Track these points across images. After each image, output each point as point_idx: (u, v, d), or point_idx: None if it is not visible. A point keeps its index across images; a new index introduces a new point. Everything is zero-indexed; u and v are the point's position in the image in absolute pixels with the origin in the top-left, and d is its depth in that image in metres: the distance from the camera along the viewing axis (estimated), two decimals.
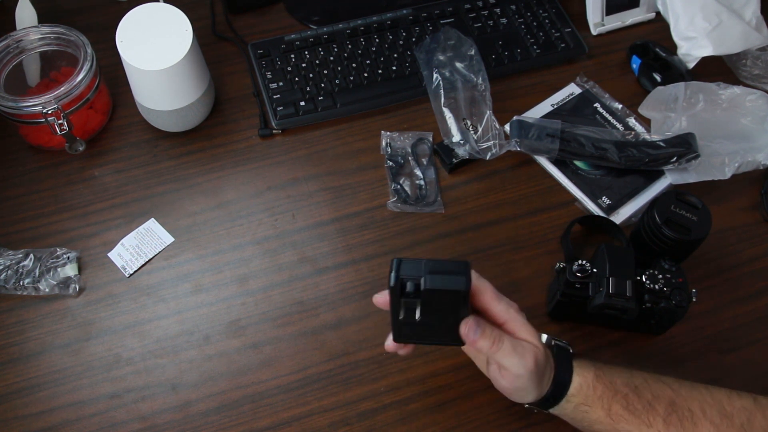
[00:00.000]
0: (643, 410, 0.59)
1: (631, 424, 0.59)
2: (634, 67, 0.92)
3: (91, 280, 0.74)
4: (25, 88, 0.82)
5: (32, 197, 0.79)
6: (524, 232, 0.79)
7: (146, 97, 0.79)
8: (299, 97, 0.86)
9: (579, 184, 0.82)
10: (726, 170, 0.79)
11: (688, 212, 0.70)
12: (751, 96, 0.83)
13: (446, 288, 0.54)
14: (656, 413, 0.59)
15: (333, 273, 0.76)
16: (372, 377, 0.69)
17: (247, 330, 0.72)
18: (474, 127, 0.83)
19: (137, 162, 0.82)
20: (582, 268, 0.66)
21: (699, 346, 0.73)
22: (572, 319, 0.73)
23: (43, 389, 0.68)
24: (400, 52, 0.90)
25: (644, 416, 0.59)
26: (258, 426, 0.67)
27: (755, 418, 0.59)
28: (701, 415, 0.59)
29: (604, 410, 0.59)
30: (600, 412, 0.59)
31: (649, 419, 0.59)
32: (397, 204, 0.80)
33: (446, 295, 0.54)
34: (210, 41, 0.92)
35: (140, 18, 0.76)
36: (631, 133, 0.84)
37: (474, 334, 0.56)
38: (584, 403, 0.60)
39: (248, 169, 0.82)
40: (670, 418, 0.59)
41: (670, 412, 0.59)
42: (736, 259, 0.79)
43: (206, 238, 0.77)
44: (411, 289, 0.55)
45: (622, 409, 0.59)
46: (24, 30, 0.80)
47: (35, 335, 0.71)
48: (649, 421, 0.59)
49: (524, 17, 0.95)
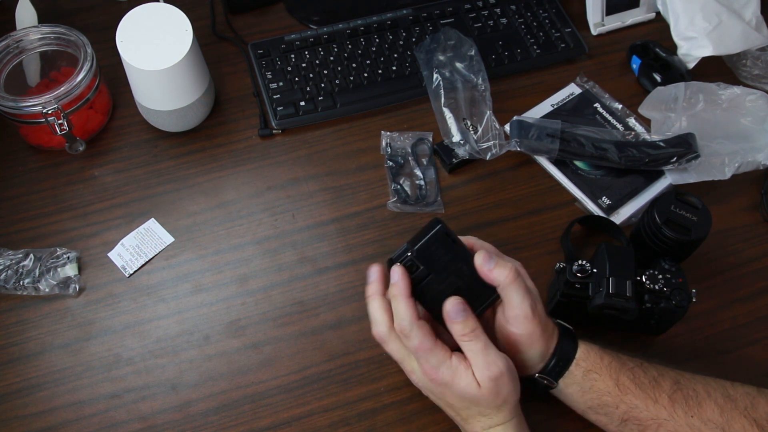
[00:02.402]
0: (649, 385, 0.59)
1: (638, 397, 0.59)
2: (634, 67, 0.92)
3: (91, 280, 0.74)
4: (25, 88, 0.82)
5: (32, 197, 0.79)
6: (524, 232, 0.79)
7: (146, 97, 0.79)
8: (299, 97, 0.86)
9: (579, 184, 0.82)
10: (726, 170, 0.79)
11: (688, 212, 0.70)
12: (751, 96, 0.83)
13: (427, 235, 0.58)
14: (662, 389, 0.59)
15: (333, 273, 0.76)
16: (372, 377, 0.69)
17: (247, 330, 0.72)
18: (474, 127, 0.83)
19: (137, 162, 0.82)
20: (582, 268, 0.66)
21: (699, 346, 0.73)
22: (572, 319, 0.72)
23: (43, 389, 0.68)
24: (400, 52, 0.90)
25: (650, 391, 0.59)
26: (258, 426, 0.67)
27: (759, 403, 0.59)
28: (706, 396, 0.59)
29: (612, 380, 0.60)
30: (609, 382, 0.60)
31: (655, 394, 0.59)
32: (397, 204, 0.80)
33: (434, 244, 0.58)
34: (210, 41, 0.92)
35: (140, 18, 0.76)
36: (631, 133, 0.84)
37: (488, 265, 0.58)
38: (593, 369, 0.60)
39: (248, 169, 0.82)
40: (675, 395, 0.59)
41: (676, 389, 0.59)
42: (736, 259, 0.79)
43: (206, 238, 0.77)
44: (408, 262, 0.58)
45: (629, 381, 0.60)
46: (24, 30, 0.80)
47: (35, 335, 0.71)
48: (655, 396, 0.59)
49: (524, 17, 0.95)
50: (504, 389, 0.57)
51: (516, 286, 0.58)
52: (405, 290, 0.58)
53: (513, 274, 0.58)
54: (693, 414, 0.58)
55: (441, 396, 0.60)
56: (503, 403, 0.57)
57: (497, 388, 0.56)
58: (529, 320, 0.59)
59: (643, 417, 0.59)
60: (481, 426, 0.59)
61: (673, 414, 0.59)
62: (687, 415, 0.58)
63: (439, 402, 0.62)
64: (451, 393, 0.58)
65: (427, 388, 0.60)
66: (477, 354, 0.57)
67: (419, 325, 0.57)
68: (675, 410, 0.59)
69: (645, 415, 0.59)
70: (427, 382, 0.59)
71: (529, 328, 0.59)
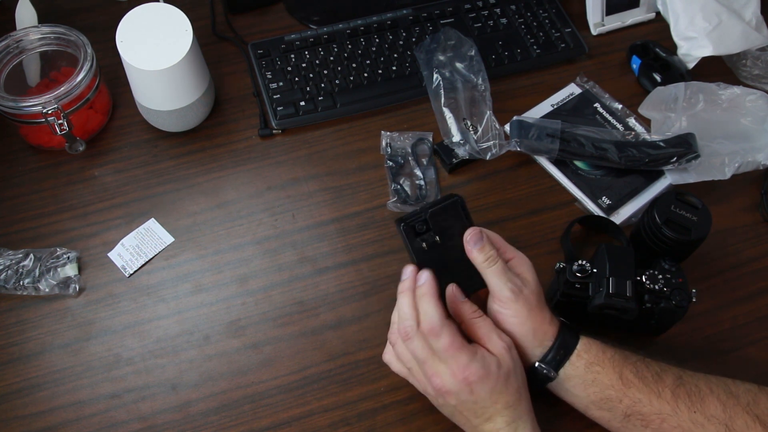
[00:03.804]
0: (652, 379, 0.60)
1: (642, 391, 0.59)
2: (634, 67, 0.92)
3: (91, 280, 0.74)
4: (25, 88, 0.82)
5: (32, 197, 0.79)
6: (524, 232, 0.79)
7: (146, 97, 0.79)
8: (299, 97, 0.86)
9: (579, 184, 0.82)
10: (726, 170, 0.79)
11: (688, 212, 0.70)
12: (751, 96, 0.83)
13: (443, 203, 0.62)
14: (664, 384, 0.59)
15: (333, 273, 0.76)
16: (372, 377, 0.69)
17: (247, 330, 0.72)
18: (474, 127, 0.83)
19: (137, 162, 0.82)
20: (582, 268, 0.66)
21: (699, 346, 0.73)
22: (572, 319, 0.72)
23: (43, 389, 0.68)
24: (400, 52, 0.90)
25: (653, 386, 0.59)
26: (258, 426, 0.67)
27: (761, 400, 0.59)
28: (708, 392, 0.59)
29: (616, 373, 0.60)
30: (612, 375, 0.60)
31: (658, 389, 0.59)
32: (397, 204, 0.80)
33: (448, 213, 0.61)
34: (210, 41, 0.92)
35: (140, 18, 0.76)
36: (631, 133, 0.84)
37: (474, 245, 0.60)
38: (596, 362, 0.60)
39: (248, 169, 0.82)
40: (678, 390, 0.59)
41: (678, 384, 0.59)
42: (736, 259, 0.79)
43: (206, 238, 0.77)
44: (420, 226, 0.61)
45: (632, 376, 0.60)
46: (24, 30, 0.80)
47: (35, 335, 0.71)
48: (658, 391, 0.59)
49: (524, 17, 0.95)
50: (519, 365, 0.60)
51: (493, 270, 0.60)
52: (433, 290, 0.59)
53: (489, 260, 0.60)
54: (696, 409, 0.58)
55: (467, 397, 0.58)
56: (522, 386, 0.59)
57: (513, 360, 0.59)
58: (512, 301, 0.60)
59: (646, 412, 0.59)
60: (505, 421, 0.58)
61: (677, 409, 0.59)
62: (690, 410, 0.58)
63: (454, 410, 0.60)
64: (481, 389, 0.57)
65: (453, 390, 0.58)
66: (490, 330, 0.59)
67: (449, 323, 0.58)
68: (678, 405, 0.59)
69: (648, 409, 0.59)
70: (455, 384, 0.57)
71: (514, 308, 0.60)
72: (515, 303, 0.60)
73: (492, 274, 0.60)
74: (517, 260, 0.63)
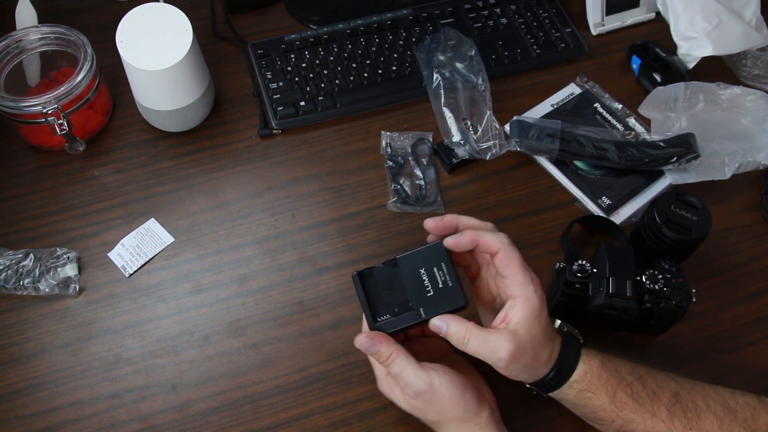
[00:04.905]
0: (647, 399, 0.59)
1: (635, 412, 0.59)
2: (634, 67, 0.92)
3: (91, 280, 0.74)
4: (25, 88, 0.82)
5: (32, 197, 0.79)
6: (524, 232, 0.79)
7: (146, 97, 0.79)
8: (299, 97, 0.86)
9: (579, 184, 0.82)
10: (726, 170, 0.79)
11: (688, 212, 0.70)
12: (751, 96, 0.83)
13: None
14: (660, 403, 0.59)
15: (333, 273, 0.76)
16: (372, 377, 0.69)
17: (247, 330, 0.72)
18: (474, 127, 0.83)
19: (137, 162, 0.82)
20: (582, 268, 0.66)
21: (699, 346, 0.73)
22: (572, 319, 0.72)
23: (43, 389, 0.68)
24: (400, 52, 0.90)
25: (648, 405, 0.59)
26: (258, 426, 0.67)
27: (759, 415, 0.59)
28: (705, 408, 0.59)
29: (608, 397, 0.59)
30: (603, 399, 0.59)
31: (653, 408, 0.59)
32: (397, 204, 0.80)
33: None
34: (210, 41, 0.92)
35: (140, 18, 0.76)
36: (631, 133, 0.84)
37: (440, 331, 0.58)
38: (587, 389, 0.60)
39: (248, 169, 0.82)
40: (674, 408, 0.59)
41: (674, 402, 0.59)
42: (736, 259, 0.79)
43: (206, 238, 0.77)
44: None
45: (626, 397, 0.59)
46: (24, 30, 0.80)
47: (35, 335, 0.71)
48: (653, 410, 0.59)
49: (524, 17, 0.95)
50: (433, 405, 0.59)
51: (471, 346, 0.58)
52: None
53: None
54: (692, 427, 0.58)
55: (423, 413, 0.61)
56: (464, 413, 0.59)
57: (422, 405, 0.59)
58: (502, 369, 0.59)
59: (639, 430, 0.59)
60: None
61: (672, 427, 0.58)
62: (686, 428, 0.58)
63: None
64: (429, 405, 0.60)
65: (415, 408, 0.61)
66: (401, 375, 0.59)
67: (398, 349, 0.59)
68: (673, 423, 0.58)
69: (642, 428, 0.59)
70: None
71: (505, 370, 0.59)
72: (505, 370, 0.59)
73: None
74: (519, 300, 0.59)
